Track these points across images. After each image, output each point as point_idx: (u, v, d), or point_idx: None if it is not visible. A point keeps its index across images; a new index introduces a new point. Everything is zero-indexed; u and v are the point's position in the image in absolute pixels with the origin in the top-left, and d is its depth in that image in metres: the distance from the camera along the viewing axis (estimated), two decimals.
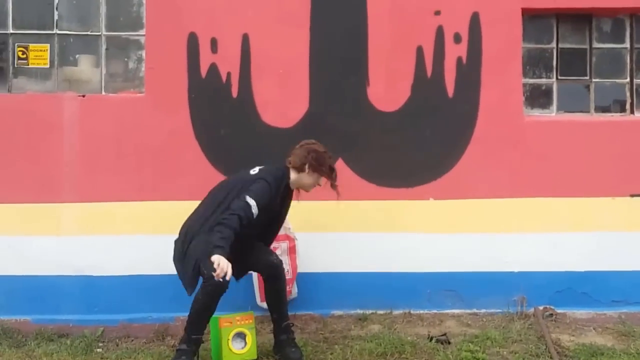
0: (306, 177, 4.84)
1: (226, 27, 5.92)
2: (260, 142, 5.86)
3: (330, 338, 5.35)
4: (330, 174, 4.85)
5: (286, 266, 5.39)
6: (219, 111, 5.93)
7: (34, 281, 5.81)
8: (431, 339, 5.26)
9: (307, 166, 4.80)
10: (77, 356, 5.12)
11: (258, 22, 5.91)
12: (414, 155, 5.97)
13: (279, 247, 5.52)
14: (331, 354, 4.98)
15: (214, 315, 4.91)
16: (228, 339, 4.87)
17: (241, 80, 5.93)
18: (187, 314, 5.40)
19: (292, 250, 5.68)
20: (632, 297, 5.95)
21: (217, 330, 4.89)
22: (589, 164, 6.01)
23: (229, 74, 5.91)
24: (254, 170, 4.84)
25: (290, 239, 5.67)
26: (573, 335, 5.43)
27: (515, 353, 4.99)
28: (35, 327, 5.64)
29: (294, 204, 5.12)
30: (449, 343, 5.20)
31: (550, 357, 4.90)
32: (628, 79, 6.25)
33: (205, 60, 5.91)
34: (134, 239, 5.87)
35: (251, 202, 4.55)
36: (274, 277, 4.92)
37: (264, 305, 5.38)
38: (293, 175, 4.85)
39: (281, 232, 5.29)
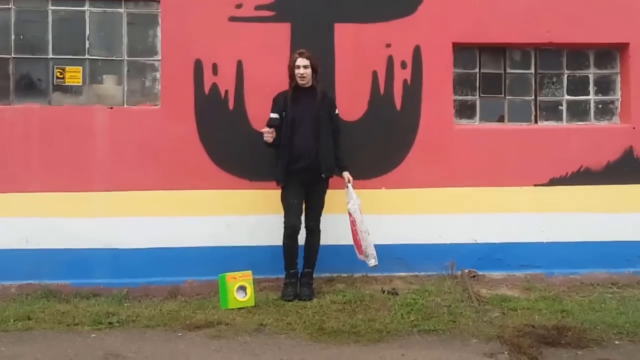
0: None
1: (225, 55, 7.05)
2: (251, 145, 6.94)
3: None
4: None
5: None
6: (219, 120, 7.03)
7: (72, 253, 6.88)
8: (384, 292, 6.62)
9: None
10: (111, 307, 6.33)
11: (249, 51, 7.05)
12: (370, 155, 7.12)
13: None
14: (310, 302, 6.36)
15: (221, 274, 6.34)
16: (233, 291, 6.25)
17: (236, 96, 7.06)
18: (193, 278, 6.86)
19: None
20: (535, 262, 7.21)
21: (225, 284, 6.26)
22: (503, 161, 7.23)
23: (226, 92, 7.06)
24: None
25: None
26: (490, 290, 6.82)
27: (446, 300, 6.41)
28: (73, 289, 6.77)
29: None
30: (397, 294, 6.55)
31: (472, 302, 6.35)
32: (533, 97, 7.54)
33: (208, 80, 7.05)
34: (151, 219, 6.98)
35: None
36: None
37: None
38: None
39: None
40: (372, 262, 6.58)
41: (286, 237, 6.53)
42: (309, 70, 6.51)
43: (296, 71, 6.50)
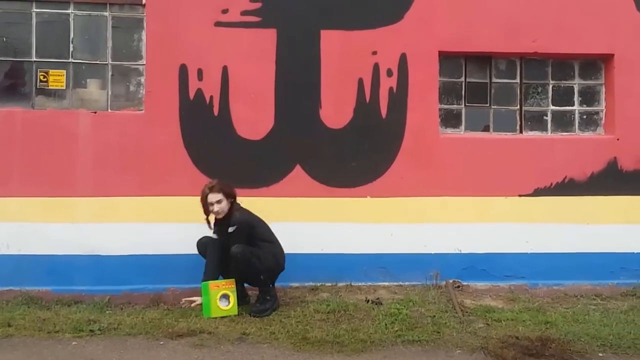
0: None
1: (210, 61, 7.06)
2: (235, 151, 7.05)
3: (290, 302, 6.64)
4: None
5: None
6: (204, 126, 7.03)
7: (54, 259, 6.86)
8: (368, 301, 6.60)
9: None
10: (93, 314, 6.28)
11: (235, 56, 7.07)
12: (355, 163, 7.17)
13: None
14: (293, 311, 6.33)
15: (205, 282, 6.29)
16: (216, 299, 6.22)
17: (221, 102, 7.08)
18: (176, 286, 6.80)
19: None
20: (519, 273, 7.26)
21: (208, 292, 6.22)
22: (488, 170, 7.28)
23: (211, 97, 7.07)
24: None
25: None
26: (474, 300, 6.85)
27: (430, 310, 6.42)
28: (55, 295, 6.72)
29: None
30: (381, 304, 6.54)
31: (456, 312, 6.36)
32: (518, 106, 7.60)
33: (193, 86, 7.06)
34: (134, 226, 6.96)
35: None
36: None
37: None
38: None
39: None
40: None
41: None
42: (222, 205, 6.39)
43: (210, 208, 6.42)
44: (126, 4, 7.19)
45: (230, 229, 6.36)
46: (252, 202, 6.69)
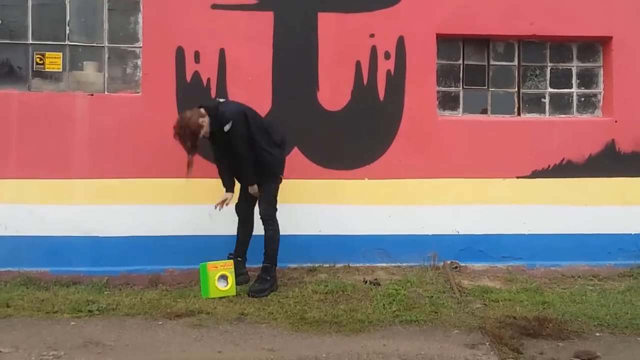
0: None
1: (207, 43, 7.04)
2: None
3: (288, 283, 6.66)
4: None
5: None
6: None
7: (52, 240, 6.86)
8: (366, 282, 6.63)
9: None
10: (91, 295, 6.31)
11: (232, 39, 7.05)
12: (353, 145, 7.17)
13: None
14: (292, 292, 6.36)
15: (203, 262, 6.30)
16: (214, 280, 6.24)
17: (218, 85, 7.07)
18: (174, 267, 6.81)
19: None
20: (516, 254, 7.28)
21: (206, 273, 6.24)
22: (486, 152, 7.28)
23: (208, 80, 7.06)
24: None
25: None
26: (471, 281, 6.87)
27: (428, 290, 6.44)
28: (53, 276, 6.74)
29: None
30: (379, 285, 6.57)
31: (453, 293, 6.39)
32: (516, 89, 7.59)
33: (190, 68, 7.04)
34: (131, 207, 6.96)
35: None
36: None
37: None
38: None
39: None
40: None
41: None
42: (204, 125, 6.26)
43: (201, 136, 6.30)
44: None
45: (226, 128, 6.23)
46: None
